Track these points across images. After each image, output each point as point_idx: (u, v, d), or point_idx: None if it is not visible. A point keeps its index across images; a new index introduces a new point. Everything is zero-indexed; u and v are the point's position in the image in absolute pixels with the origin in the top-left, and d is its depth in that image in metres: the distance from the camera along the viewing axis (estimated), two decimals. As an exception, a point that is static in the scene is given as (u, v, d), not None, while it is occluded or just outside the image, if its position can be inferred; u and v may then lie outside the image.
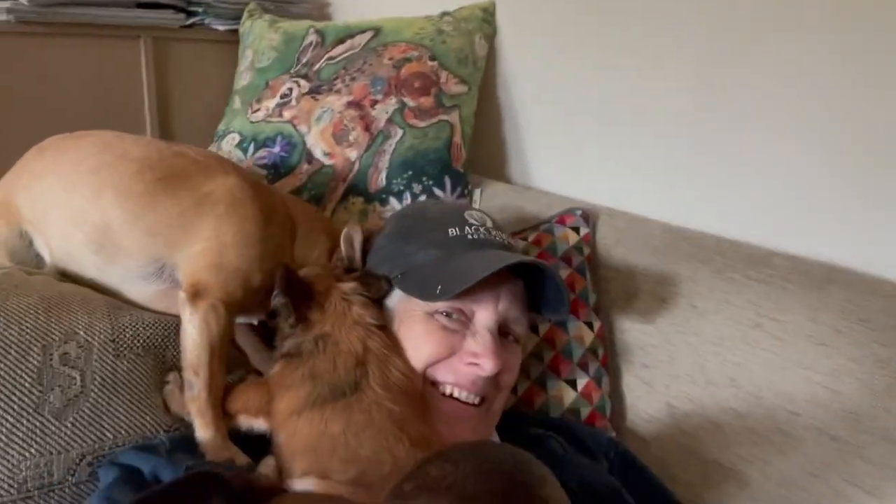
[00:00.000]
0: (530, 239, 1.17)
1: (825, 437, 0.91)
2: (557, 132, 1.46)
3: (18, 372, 0.75)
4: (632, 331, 1.12)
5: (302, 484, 0.73)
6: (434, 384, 0.86)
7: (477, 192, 1.36)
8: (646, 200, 1.32)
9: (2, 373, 0.74)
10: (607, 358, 1.10)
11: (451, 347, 0.85)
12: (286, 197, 1.07)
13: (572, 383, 1.06)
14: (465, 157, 1.35)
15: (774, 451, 0.94)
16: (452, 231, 0.91)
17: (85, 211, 0.87)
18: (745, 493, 0.95)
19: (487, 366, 0.83)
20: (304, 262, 0.96)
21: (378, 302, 0.90)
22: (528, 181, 1.52)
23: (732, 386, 1.00)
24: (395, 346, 0.85)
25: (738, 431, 0.98)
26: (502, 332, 0.89)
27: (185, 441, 0.81)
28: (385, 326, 0.88)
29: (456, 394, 0.85)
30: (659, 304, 1.10)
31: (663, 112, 1.26)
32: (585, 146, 1.41)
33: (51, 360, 0.78)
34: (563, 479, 0.86)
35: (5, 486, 0.71)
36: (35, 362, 0.77)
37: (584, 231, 1.17)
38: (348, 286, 0.87)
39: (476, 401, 0.86)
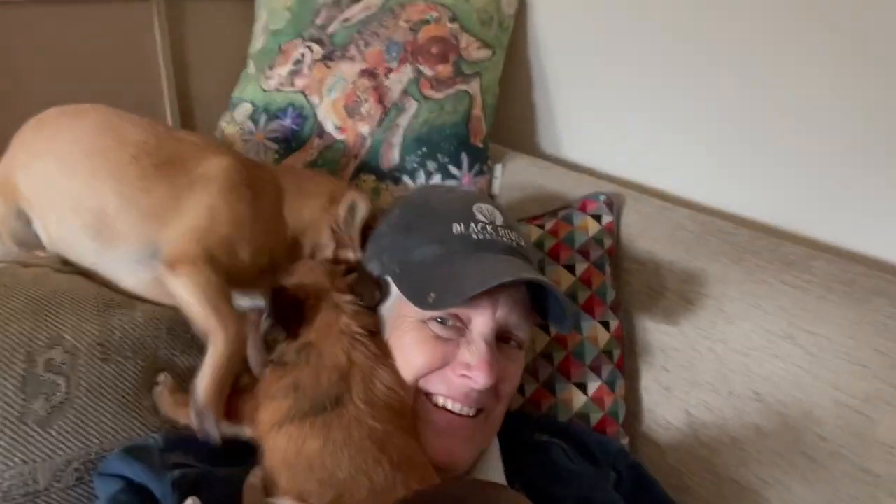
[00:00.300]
0: (547, 227, 1.09)
1: (854, 468, 0.83)
2: (593, 99, 1.34)
3: (1, 380, 0.75)
4: (654, 331, 1.04)
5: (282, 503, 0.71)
6: (427, 395, 0.82)
7: (498, 168, 1.28)
8: (683, 179, 1.22)
9: (-16, 383, 0.74)
10: (623, 359, 1.03)
11: (443, 358, 0.80)
12: (275, 168, 1.05)
13: (582, 387, 1.00)
14: (487, 130, 1.26)
15: (797, 475, 0.87)
16: (457, 227, 0.85)
17: (82, 195, 0.86)
18: (759, 517, 0.89)
19: (480, 379, 0.78)
20: (296, 224, 0.94)
21: (373, 308, 0.86)
22: (559, 151, 1.42)
23: (757, 400, 0.92)
24: (383, 356, 0.81)
25: (759, 450, 0.91)
26: (503, 337, 0.83)
27: (179, 440, 0.80)
28: (376, 334, 0.83)
29: (449, 406, 0.81)
30: (684, 305, 1.01)
31: (706, 87, 1.14)
32: (623, 115, 1.29)
33: (35, 366, 0.77)
34: (561, 494, 0.84)
35: (-11, 496, 0.72)
36: (19, 370, 0.76)
37: (606, 220, 1.08)
38: (342, 298, 0.82)
39: (471, 412, 0.81)
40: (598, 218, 1.08)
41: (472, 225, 0.85)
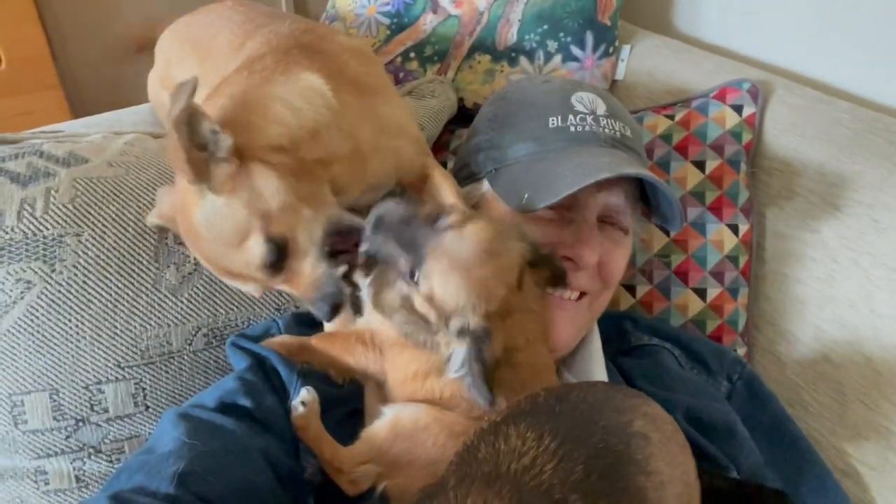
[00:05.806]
0: (677, 118, 0.99)
1: None
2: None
3: (137, 250, 0.80)
4: (789, 238, 0.95)
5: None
6: None
7: (625, 50, 1.16)
8: (843, 69, 1.05)
9: (122, 250, 0.79)
10: (750, 265, 0.95)
11: (543, 237, 0.76)
12: None
13: (701, 293, 0.94)
14: (617, 5, 1.14)
15: (938, 407, 0.80)
16: (553, 121, 0.80)
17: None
18: (880, 444, 0.83)
19: (582, 255, 0.75)
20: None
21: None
22: (697, 32, 1.27)
23: (903, 322, 0.83)
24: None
25: (896, 375, 0.83)
26: (606, 220, 0.80)
27: (296, 320, 0.83)
28: None
29: (549, 290, 0.78)
30: (829, 211, 0.91)
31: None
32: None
33: (166, 238, 0.81)
34: (666, 400, 0.81)
35: (130, 353, 0.79)
36: (152, 240, 0.81)
37: (748, 111, 0.96)
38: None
39: (573, 297, 0.79)
40: (738, 109, 0.96)
41: (571, 117, 0.79)
